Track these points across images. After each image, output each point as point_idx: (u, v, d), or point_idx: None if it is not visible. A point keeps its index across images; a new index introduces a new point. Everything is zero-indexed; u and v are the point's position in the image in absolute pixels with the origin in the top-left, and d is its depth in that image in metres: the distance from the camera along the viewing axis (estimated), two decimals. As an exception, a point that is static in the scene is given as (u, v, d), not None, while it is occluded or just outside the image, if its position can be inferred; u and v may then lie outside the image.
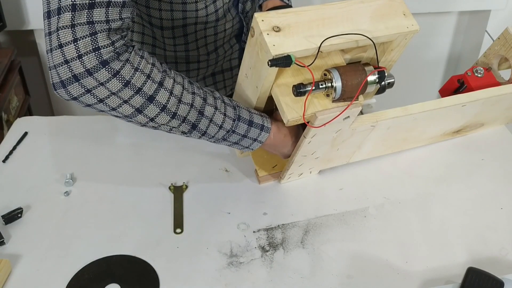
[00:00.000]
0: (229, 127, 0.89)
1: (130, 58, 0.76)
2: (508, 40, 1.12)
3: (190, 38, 1.09)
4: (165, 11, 1.00)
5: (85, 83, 0.74)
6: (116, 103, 0.78)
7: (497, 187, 1.07)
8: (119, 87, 0.76)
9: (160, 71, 0.80)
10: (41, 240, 0.93)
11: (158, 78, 0.79)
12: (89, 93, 0.75)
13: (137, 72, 0.77)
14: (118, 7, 0.73)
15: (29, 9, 1.92)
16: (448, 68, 2.49)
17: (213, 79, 1.26)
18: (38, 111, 2.14)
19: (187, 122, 0.85)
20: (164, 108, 0.81)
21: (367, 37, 0.83)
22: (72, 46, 0.71)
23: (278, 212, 1.00)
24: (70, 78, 0.73)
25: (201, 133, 0.88)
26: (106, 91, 0.75)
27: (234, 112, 0.89)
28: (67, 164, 1.09)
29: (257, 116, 0.92)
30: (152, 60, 0.80)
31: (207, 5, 1.02)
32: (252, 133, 0.92)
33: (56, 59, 0.72)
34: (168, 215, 0.98)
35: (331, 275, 0.88)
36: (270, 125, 0.93)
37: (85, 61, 0.72)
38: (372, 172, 1.10)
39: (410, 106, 1.00)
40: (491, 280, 0.82)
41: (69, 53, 0.71)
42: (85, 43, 0.71)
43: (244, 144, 0.93)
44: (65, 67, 0.72)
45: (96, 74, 0.73)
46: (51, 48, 0.72)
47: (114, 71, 0.74)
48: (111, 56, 0.74)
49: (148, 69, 0.78)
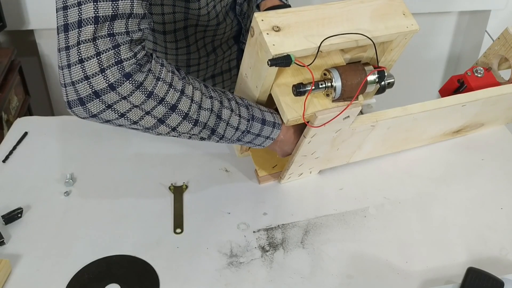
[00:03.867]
0: (244, 128, 0.88)
1: (152, 68, 0.73)
2: (508, 40, 1.12)
3: (191, 40, 1.09)
4: (168, 15, 0.99)
5: (107, 99, 0.70)
6: (138, 116, 0.75)
7: (497, 187, 1.07)
8: (143, 99, 0.73)
9: (180, 78, 0.78)
10: (41, 240, 0.93)
11: (180, 86, 0.77)
12: (110, 109, 0.71)
13: (159, 82, 0.74)
14: (138, 18, 0.71)
15: (29, 9, 1.92)
16: (448, 68, 2.49)
17: (212, 81, 1.26)
18: (38, 111, 2.14)
19: (207, 127, 0.83)
20: (186, 116, 0.79)
21: (367, 37, 0.83)
22: (95, 61, 0.67)
23: (278, 212, 1.00)
24: (91, 95, 0.69)
25: (219, 137, 0.86)
26: (128, 105, 0.72)
27: (247, 112, 0.88)
28: (67, 164, 1.09)
29: (268, 114, 0.91)
30: (171, 68, 0.78)
31: (209, 11, 1.02)
32: (265, 131, 0.91)
33: (74, 75, 0.68)
34: (168, 215, 0.98)
35: (331, 275, 0.88)
36: (280, 122, 0.92)
37: (107, 75, 0.68)
38: (372, 172, 1.10)
39: (410, 106, 1.00)
40: (491, 280, 0.82)
41: (90, 68, 0.68)
42: (108, 56, 0.68)
43: (256, 143, 0.92)
44: (85, 84, 0.68)
45: (119, 88, 0.70)
46: (69, 63, 0.68)
47: (137, 83, 0.71)
48: (134, 68, 0.70)
49: (169, 77, 0.76)
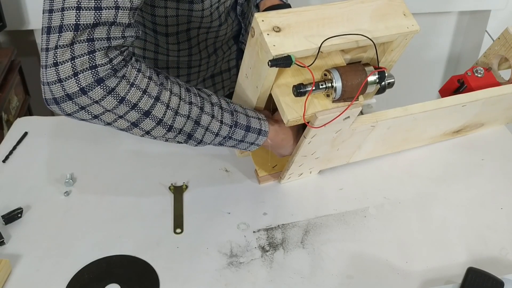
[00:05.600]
0: (226, 134, 0.88)
1: (127, 74, 0.74)
2: (508, 40, 1.12)
3: (194, 42, 1.09)
4: (171, 17, 0.99)
5: (79, 102, 0.72)
6: (111, 119, 0.76)
7: (497, 187, 1.07)
8: (114, 104, 0.74)
9: (157, 84, 0.78)
10: (41, 240, 0.93)
11: (155, 93, 0.78)
12: (83, 110, 0.74)
13: (132, 88, 0.75)
14: (122, 26, 0.71)
15: (29, 9, 1.92)
16: (448, 68, 2.49)
17: (212, 80, 1.26)
18: (38, 111, 2.13)
19: (183, 133, 0.84)
20: (160, 122, 0.80)
21: (367, 37, 0.82)
22: (69, 65, 0.69)
23: (278, 212, 1.00)
24: (63, 97, 0.71)
25: (197, 142, 0.87)
26: (100, 108, 0.74)
27: (231, 118, 0.88)
28: (67, 164, 1.09)
29: (254, 120, 0.91)
30: (149, 73, 0.78)
31: (212, 12, 1.01)
32: (249, 138, 0.91)
33: (49, 76, 0.70)
34: (168, 215, 0.98)
35: (331, 275, 0.88)
36: (267, 129, 0.92)
37: (80, 79, 0.70)
38: (372, 172, 1.10)
39: (410, 106, 1.00)
40: (491, 280, 0.82)
41: (63, 72, 0.69)
42: (82, 61, 0.69)
43: (241, 147, 0.93)
44: (58, 86, 0.70)
45: (90, 92, 0.71)
46: (46, 65, 0.70)
47: (109, 89, 0.72)
48: (108, 73, 0.71)
49: (144, 83, 0.76)
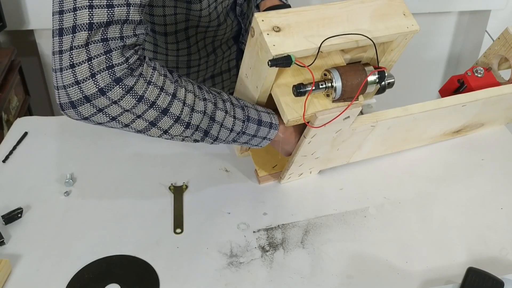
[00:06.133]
0: (240, 129, 0.88)
1: (143, 72, 0.74)
2: (508, 40, 1.12)
3: (192, 41, 1.09)
4: (169, 16, 0.99)
5: (97, 103, 0.71)
6: (129, 119, 0.75)
7: (497, 187, 1.07)
8: (133, 103, 0.73)
9: (173, 81, 0.79)
10: (41, 240, 0.93)
11: (172, 90, 0.78)
12: (101, 112, 0.72)
13: (150, 86, 0.74)
14: (133, 24, 0.71)
15: (29, 9, 1.92)
16: (448, 68, 2.49)
17: (212, 81, 1.26)
18: (38, 111, 2.14)
19: (200, 130, 0.84)
20: (178, 119, 0.79)
21: (367, 37, 0.82)
22: (86, 66, 0.68)
23: (278, 212, 1.00)
24: (81, 99, 0.70)
25: (213, 139, 0.87)
26: (119, 109, 0.73)
27: (243, 113, 0.88)
28: (67, 164, 1.09)
29: (264, 114, 0.91)
30: (163, 71, 0.78)
31: (211, 12, 1.02)
32: (262, 132, 0.91)
33: (66, 79, 0.69)
34: (168, 215, 0.98)
35: (331, 275, 0.88)
36: (277, 122, 0.92)
37: (98, 80, 0.69)
38: (372, 172, 1.10)
39: (410, 106, 1.00)
40: (491, 280, 0.82)
41: (81, 73, 0.68)
42: (99, 61, 0.69)
43: (253, 143, 0.93)
44: (76, 88, 0.69)
45: (109, 93, 0.70)
46: (61, 67, 0.69)
47: (127, 88, 0.72)
48: (125, 72, 0.71)
49: (161, 81, 0.76)
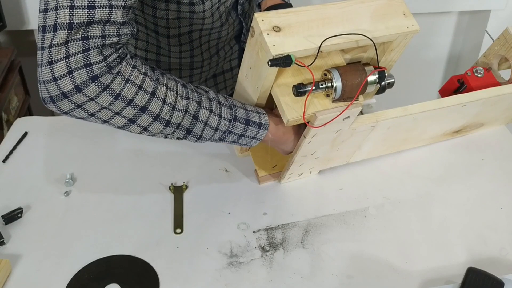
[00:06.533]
0: (225, 128, 0.88)
1: (121, 70, 0.74)
2: (508, 40, 1.12)
3: (196, 44, 1.09)
4: (172, 20, 0.99)
5: (75, 100, 0.73)
6: (108, 116, 0.77)
7: (497, 187, 1.07)
8: (110, 100, 0.75)
9: (153, 79, 0.79)
10: (41, 240, 0.93)
11: (151, 88, 0.78)
12: (80, 108, 0.74)
13: (127, 84, 0.75)
14: (116, 24, 0.72)
15: (29, 9, 1.92)
16: (448, 68, 2.49)
17: (214, 80, 1.26)
18: (38, 111, 2.13)
19: (181, 128, 0.84)
20: (157, 117, 0.80)
21: (367, 37, 0.82)
22: (63, 63, 0.70)
23: (278, 212, 1.00)
24: (59, 95, 0.72)
25: (197, 137, 0.87)
26: (96, 106, 0.75)
27: (230, 112, 0.88)
28: (67, 164, 1.09)
29: (254, 114, 0.91)
30: (144, 69, 0.78)
31: (213, 13, 1.02)
32: (250, 131, 0.91)
33: (44, 75, 0.71)
34: (168, 215, 0.98)
35: (331, 275, 0.88)
36: (267, 122, 0.92)
37: (74, 77, 0.70)
38: (372, 172, 1.10)
39: (410, 106, 1.00)
40: (491, 280, 0.82)
41: (58, 70, 0.70)
42: (76, 59, 0.70)
43: (242, 142, 0.93)
44: (54, 84, 0.71)
45: (85, 90, 0.72)
46: (41, 63, 0.71)
47: (104, 85, 0.73)
48: (103, 70, 0.72)
49: (139, 79, 0.77)
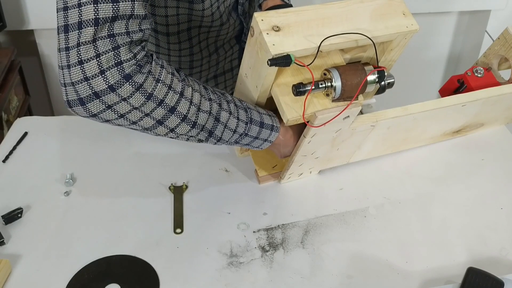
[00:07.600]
0: (242, 131, 0.88)
1: (152, 69, 0.73)
2: (508, 40, 1.12)
3: (195, 41, 1.09)
4: (171, 17, 0.99)
5: (107, 100, 0.71)
6: (137, 117, 0.75)
7: (497, 187, 1.07)
8: (142, 100, 0.73)
9: (180, 80, 0.78)
10: (41, 240, 0.93)
11: (179, 88, 0.77)
12: (110, 109, 0.72)
13: (159, 84, 0.74)
14: (139, 19, 0.71)
15: (29, 9, 1.92)
16: (448, 68, 2.49)
17: (214, 81, 1.26)
18: (38, 111, 2.14)
19: (205, 130, 0.84)
20: (184, 118, 0.79)
21: (367, 37, 0.83)
22: (94, 62, 0.68)
23: (278, 212, 1.00)
24: (91, 96, 0.70)
25: (217, 139, 0.87)
26: (128, 106, 0.73)
27: (246, 115, 0.88)
28: (67, 164, 1.09)
29: (266, 117, 0.91)
30: (171, 69, 0.78)
31: (213, 12, 1.02)
32: (263, 134, 0.91)
33: (74, 76, 0.69)
34: (168, 215, 0.98)
35: (331, 275, 0.88)
36: (279, 125, 0.92)
37: (107, 76, 0.69)
38: (372, 172, 1.10)
39: (410, 106, 1.00)
40: (491, 280, 0.82)
41: (90, 70, 0.68)
42: (107, 58, 0.68)
43: (254, 145, 0.93)
44: (85, 84, 0.69)
45: (119, 89, 0.70)
46: (69, 64, 0.69)
47: (137, 85, 0.71)
48: (134, 69, 0.71)
49: (169, 79, 0.76)
